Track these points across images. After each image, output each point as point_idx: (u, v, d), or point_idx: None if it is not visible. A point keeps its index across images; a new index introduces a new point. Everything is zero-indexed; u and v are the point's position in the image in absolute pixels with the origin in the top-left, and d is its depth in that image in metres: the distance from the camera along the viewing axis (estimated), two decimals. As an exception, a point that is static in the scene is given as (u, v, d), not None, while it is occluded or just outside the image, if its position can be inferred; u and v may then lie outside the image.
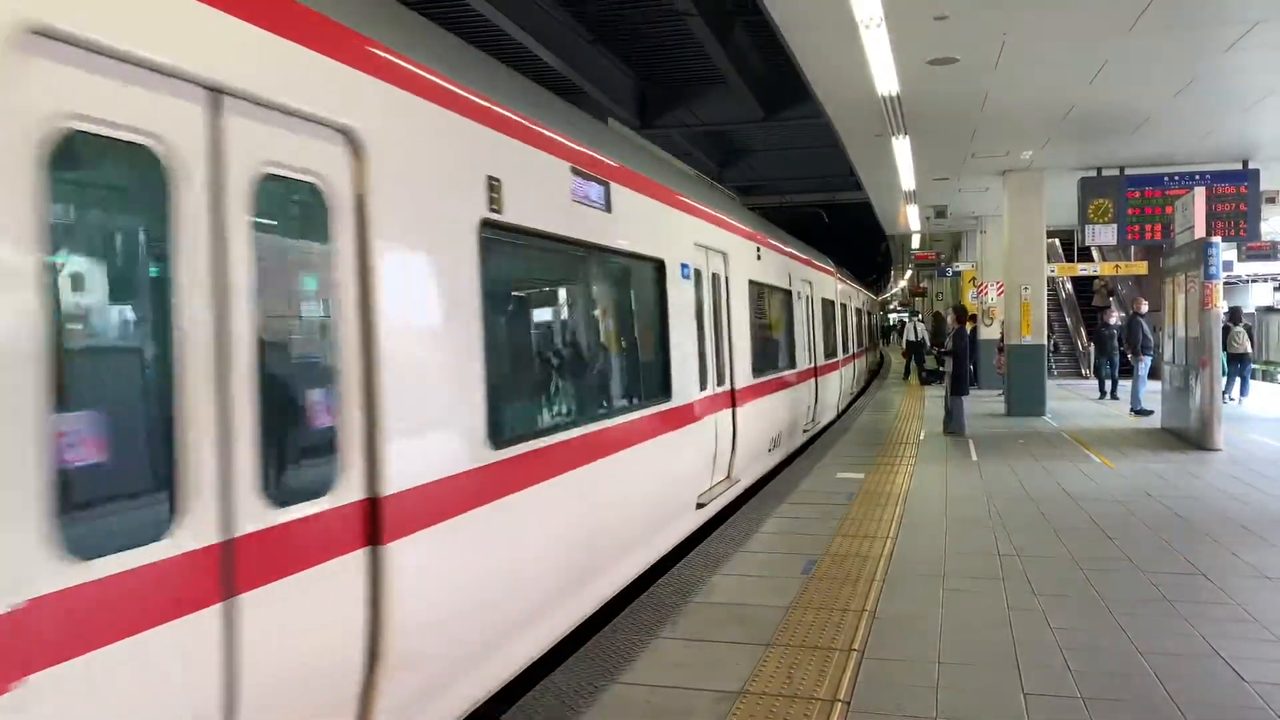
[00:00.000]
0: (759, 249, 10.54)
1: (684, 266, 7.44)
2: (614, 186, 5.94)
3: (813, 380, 13.69)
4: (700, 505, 7.49)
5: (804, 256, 14.23)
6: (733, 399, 8.63)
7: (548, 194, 4.94)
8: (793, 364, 12.10)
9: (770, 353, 10.96)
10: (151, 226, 2.65)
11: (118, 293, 2.66)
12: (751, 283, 9.92)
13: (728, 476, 8.44)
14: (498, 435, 4.17)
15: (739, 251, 9.48)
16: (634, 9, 15.07)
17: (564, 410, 5.28)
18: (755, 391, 9.59)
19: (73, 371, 2.42)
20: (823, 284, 15.93)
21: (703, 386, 7.70)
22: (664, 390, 6.75)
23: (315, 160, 3.16)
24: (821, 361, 14.71)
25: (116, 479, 2.55)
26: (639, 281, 6.64)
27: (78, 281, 2.55)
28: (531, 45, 13.76)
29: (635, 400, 6.31)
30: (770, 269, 11.12)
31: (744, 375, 9.15)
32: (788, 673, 4.52)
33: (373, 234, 3.40)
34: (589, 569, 5.23)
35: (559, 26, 14.35)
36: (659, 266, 6.85)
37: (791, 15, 8.16)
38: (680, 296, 7.26)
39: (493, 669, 4.20)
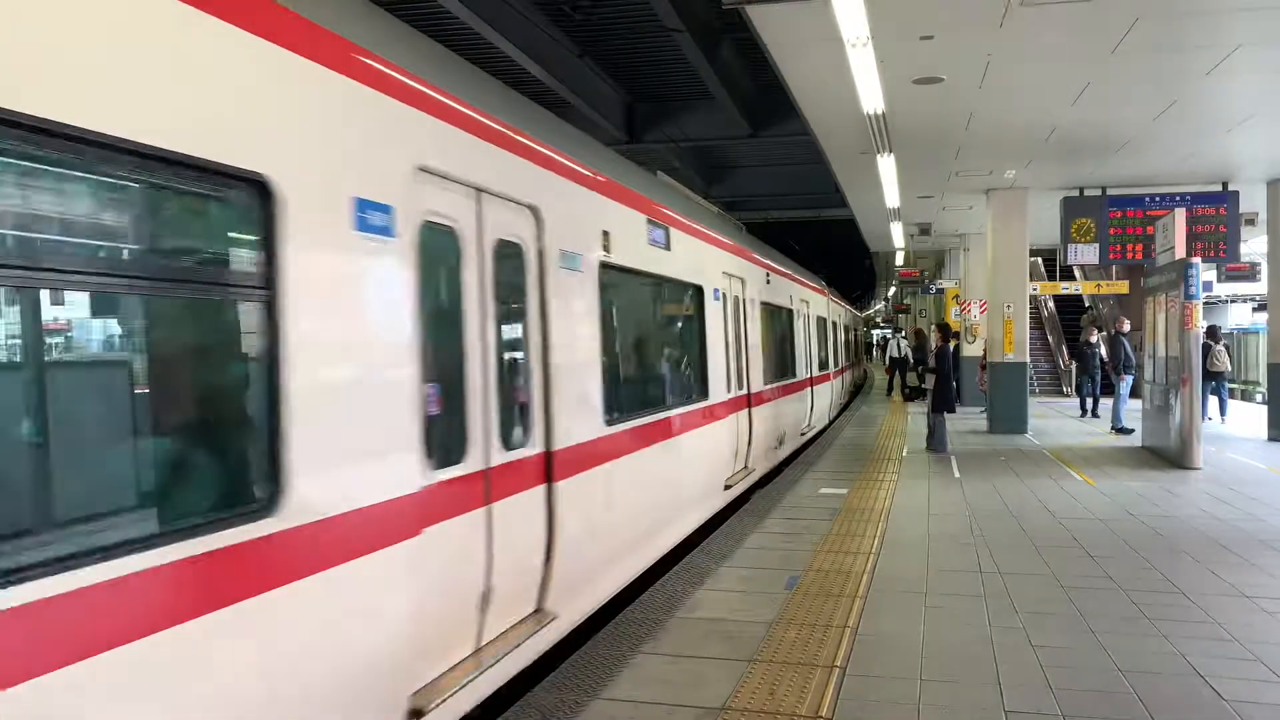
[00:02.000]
0: (767, 274, 12.07)
1: (716, 290, 9.00)
2: (673, 231, 7.62)
3: (809, 389, 15.08)
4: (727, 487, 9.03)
5: (800, 278, 15.49)
6: (749, 400, 10.29)
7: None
8: (794, 373, 13.63)
9: (777, 362, 12.50)
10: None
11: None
12: (763, 304, 11.40)
13: (745, 466, 10.03)
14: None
15: (752, 277, 10.96)
16: (622, 25, 15.13)
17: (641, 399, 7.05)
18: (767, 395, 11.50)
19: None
20: (816, 303, 17.31)
21: (728, 389, 9.24)
22: (703, 390, 8.44)
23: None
24: (817, 372, 16.20)
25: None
26: (688, 303, 8.31)
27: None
28: (519, 59, 13.79)
29: (700, 394, 8.26)
30: (776, 291, 12.58)
31: (757, 381, 10.70)
32: (770, 689, 4.51)
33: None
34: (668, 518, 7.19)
35: (547, 41, 14.38)
36: (698, 291, 8.43)
37: (779, 34, 8.21)
38: (715, 315, 8.93)
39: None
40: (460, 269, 4.12)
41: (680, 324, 8.33)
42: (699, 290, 8.47)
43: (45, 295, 2.50)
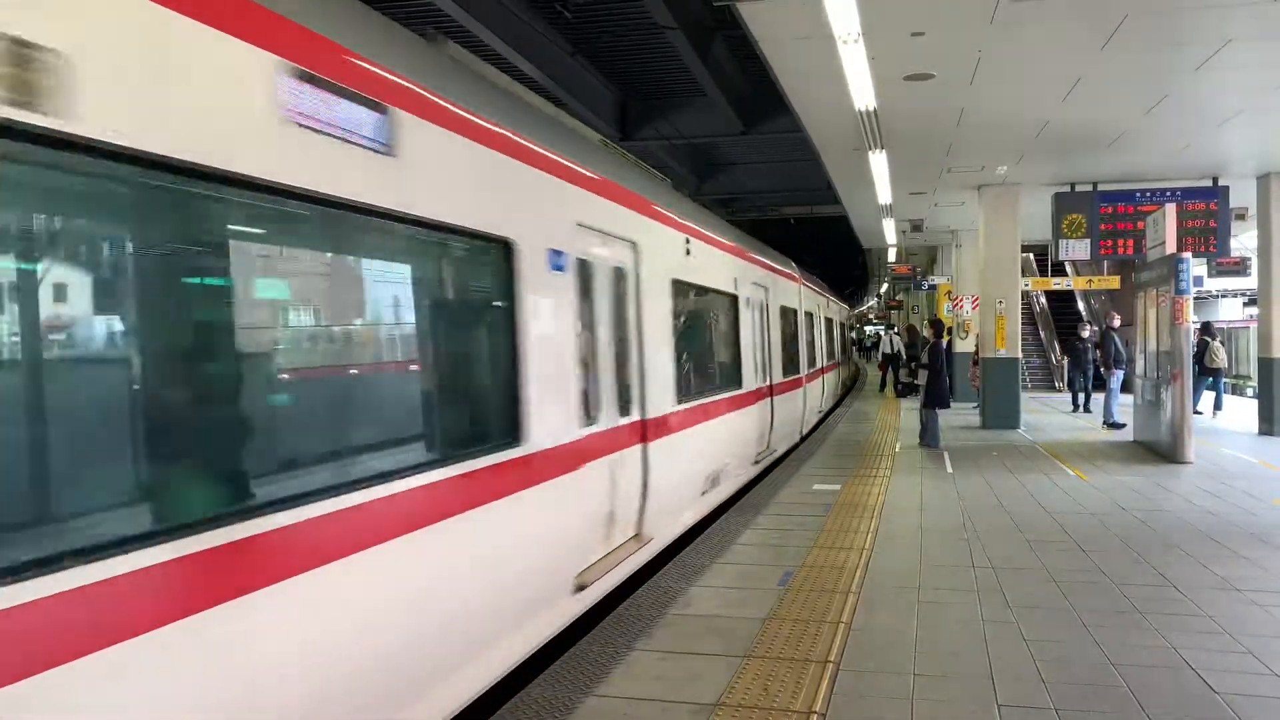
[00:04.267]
0: (687, 239, 8.46)
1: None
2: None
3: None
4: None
5: (756, 255, 12.19)
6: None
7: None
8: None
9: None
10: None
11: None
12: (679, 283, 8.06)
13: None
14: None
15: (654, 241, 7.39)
16: (614, 22, 15.12)
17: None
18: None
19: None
20: (783, 290, 14.20)
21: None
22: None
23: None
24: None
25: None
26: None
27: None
28: (511, 56, 13.78)
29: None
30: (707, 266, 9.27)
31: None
32: (764, 685, 4.52)
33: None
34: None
35: (539, 38, 14.37)
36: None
37: (770, 31, 8.22)
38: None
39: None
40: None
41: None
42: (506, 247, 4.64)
43: None
